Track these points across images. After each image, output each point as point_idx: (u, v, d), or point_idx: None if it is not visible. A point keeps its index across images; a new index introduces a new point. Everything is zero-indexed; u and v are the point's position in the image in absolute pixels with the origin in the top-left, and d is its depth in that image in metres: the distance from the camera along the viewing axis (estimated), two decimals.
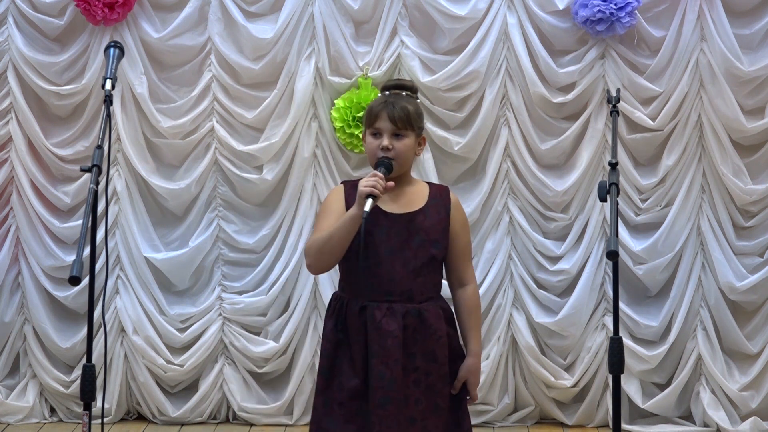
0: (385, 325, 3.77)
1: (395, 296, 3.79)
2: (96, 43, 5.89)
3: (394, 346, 3.76)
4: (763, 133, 5.82)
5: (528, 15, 5.82)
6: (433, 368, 3.81)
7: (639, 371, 5.87)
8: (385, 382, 3.75)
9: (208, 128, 5.95)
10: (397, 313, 3.78)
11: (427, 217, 3.84)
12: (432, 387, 3.81)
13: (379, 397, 3.75)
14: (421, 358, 3.79)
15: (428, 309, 3.82)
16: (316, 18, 5.86)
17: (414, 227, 3.82)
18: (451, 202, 3.90)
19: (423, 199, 3.87)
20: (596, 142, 5.84)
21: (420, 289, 3.82)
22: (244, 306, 5.97)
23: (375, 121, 3.83)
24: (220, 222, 6.00)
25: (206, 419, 6.02)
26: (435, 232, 3.83)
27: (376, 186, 3.68)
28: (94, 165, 3.83)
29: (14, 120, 5.96)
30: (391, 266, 3.78)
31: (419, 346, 3.80)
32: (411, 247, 3.80)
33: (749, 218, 5.87)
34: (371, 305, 3.78)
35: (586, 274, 5.87)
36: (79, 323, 5.98)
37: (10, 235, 6.02)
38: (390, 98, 3.87)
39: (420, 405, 3.79)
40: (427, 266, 3.82)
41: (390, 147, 3.80)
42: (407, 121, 3.82)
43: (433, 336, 3.81)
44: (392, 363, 3.75)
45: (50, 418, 6.05)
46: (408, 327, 3.79)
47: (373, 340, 3.76)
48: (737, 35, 5.76)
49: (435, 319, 3.82)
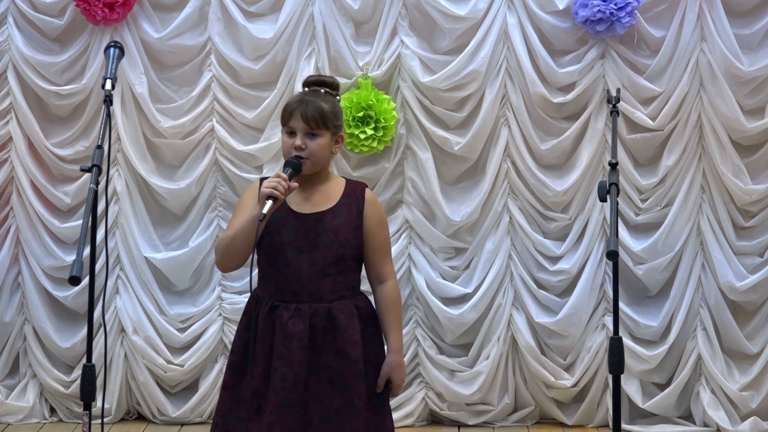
0: (291, 326, 3.76)
1: (303, 296, 3.78)
2: (96, 43, 5.89)
3: (298, 347, 3.75)
4: (763, 133, 5.82)
5: (528, 15, 5.82)
6: (345, 367, 3.78)
7: (639, 371, 5.87)
8: (287, 383, 3.74)
9: (208, 128, 5.95)
10: (305, 314, 3.77)
11: (337, 216, 3.82)
12: (346, 385, 3.78)
13: (281, 399, 3.73)
14: (333, 356, 3.78)
15: (339, 308, 3.80)
16: (316, 18, 5.86)
17: (322, 227, 3.80)
18: (366, 199, 3.87)
19: (335, 197, 3.85)
20: (596, 142, 5.84)
21: (330, 289, 3.80)
22: (244, 306, 5.95)
23: (289, 119, 3.81)
24: (220, 222, 6.00)
25: (206, 419, 6.01)
26: (344, 231, 3.81)
27: (276, 187, 3.66)
28: (94, 165, 3.83)
29: (14, 120, 5.96)
30: (298, 266, 3.78)
31: (330, 345, 3.78)
32: (318, 246, 3.78)
33: (749, 218, 5.87)
34: (280, 305, 3.79)
35: (586, 274, 5.87)
36: (79, 323, 5.98)
37: (10, 235, 6.02)
38: (306, 96, 3.84)
39: (335, 403, 3.77)
40: (335, 266, 3.80)
41: (303, 146, 3.78)
42: (321, 121, 3.80)
43: (344, 334, 3.79)
44: (296, 365, 3.74)
45: (50, 418, 6.05)
46: (316, 327, 3.77)
47: (279, 341, 3.76)
48: (737, 35, 5.76)
49: (347, 318, 3.80)
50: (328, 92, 3.88)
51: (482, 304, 5.90)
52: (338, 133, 3.87)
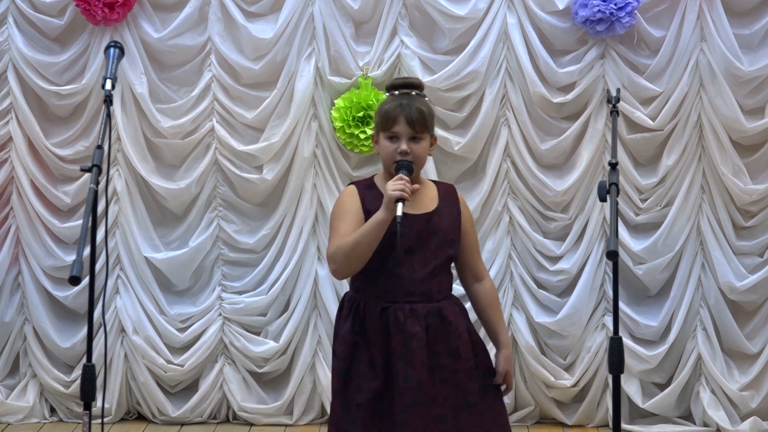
0: (408, 327, 3.76)
1: (415, 297, 3.79)
2: (96, 43, 5.89)
3: (419, 347, 3.75)
4: (763, 133, 5.82)
5: (528, 15, 5.82)
6: (458, 365, 3.80)
7: (639, 371, 5.87)
8: (412, 384, 3.74)
9: (208, 128, 5.95)
10: (419, 314, 3.78)
11: (442, 217, 3.85)
12: (459, 384, 3.80)
13: (406, 400, 3.73)
14: (445, 356, 3.79)
15: (447, 307, 3.83)
16: (316, 18, 5.86)
17: (432, 227, 3.82)
18: (459, 200, 3.92)
19: (435, 199, 3.87)
20: (596, 142, 5.84)
21: (438, 288, 3.83)
22: (244, 306, 5.97)
23: (392, 125, 3.78)
24: (220, 222, 6.00)
25: (206, 419, 6.02)
26: (451, 231, 3.85)
27: (405, 189, 3.67)
28: (94, 165, 3.83)
29: (14, 120, 5.96)
30: (411, 267, 3.78)
31: (442, 344, 3.79)
32: (430, 247, 3.81)
33: (749, 218, 5.87)
34: (393, 306, 3.77)
35: (586, 274, 5.88)
36: (79, 323, 5.98)
37: (10, 235, 6.02)
38: (403, 100, 3.81)
39: (449, 402, 3.78)
40: (444, 266, 3.85)
41: (409, 151, 3.77)
42: (424, 124, 3.79)
43: (455, 333, 3.81)
44: (418, 365, 3.75)
45: (50, 418, 6.05)
46: (430, 327, 3.79)
47: (397, 342, 3.75)
48: (737, 35, 5.76)
49: (454, 316, 3.83)
50: (418, 94, 3.86)
51: None
52: (434, 134, 3.87)
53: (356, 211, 3.79)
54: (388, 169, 3.82)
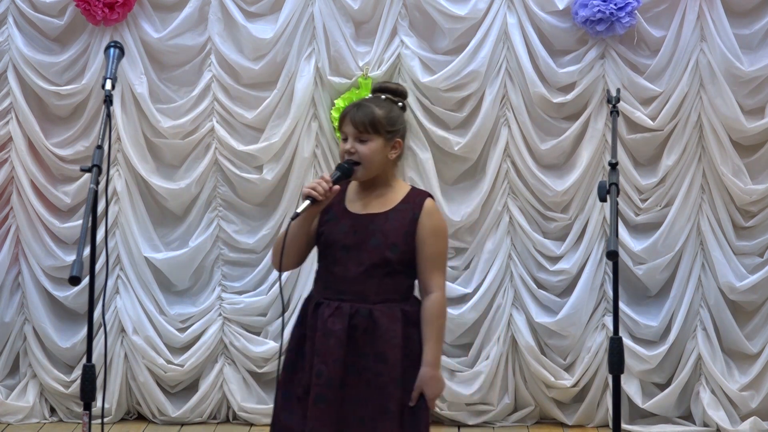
0: (330, 323, 3.78)
1: (347, 295, 3.80)
2: (96, 43, 5.89)
3: (336, 345, 3.76)
4: (763, 133, 5.82)
5: (528, 15, 5.82)
6: (383, 369, 3.78)
7: (639, 371, 5.87)
8: (322, 380, 3.75)
9: (208, 128, 5.95)
10: (345, 312, 3.78)
11: (389, 220, 3.82)
12: (382, 388, 3.78)
13: (314, 395, 3.75)
14: (372, 358, 3.78)
15: (382, 310, 3.79)
16: (316, 18, 5.86)
17: (372, 228, 3.81)
18: (424, 208, 3.83)
19: (393, 202, 3.85)
20: (596, 142, 5.84)
21: (374, 290, 3.80)
22: (244, 306, 5.97)
23: (342, 124, 3.86)
24: (220, 222, 6.00)
25: (206, 419, 6.02)
26: (394, 235, 3.80)
27: (315, 188, 3.72)
28: (94, 165, 3.83)
29: (14, 120, 5.96)
30: (344, 265, 3.80)
31: (370, 346, 3.78)
32: (366, 247, 3.80)
33: (749, 218, 5.87)
34: (323, 303, 3.82)
35: (586, 274, 5.88)
36: (79, 323, 5.98)
37: (10, 235, 6.02)
38: (364, 101, 3.88)
39: (369, 406, 3.77)
40: (380, 268, 3.80)
41: (353, 150, 3.82)
42: (370, 125, 3.80)
43: (384, 337, 3.78)
44: (332, 362, 3.75)
45: (50, 418, 6.05)
46: (357, 327, 3.78)
47: (318, 338, 3.78)
48: (737, 35, 5.76)
49: (388, 321, 3.79)
50: (389, 98, 3.89)
51: (482, 304, 5.91)
52: (394, 138, 3.85)
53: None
54: None
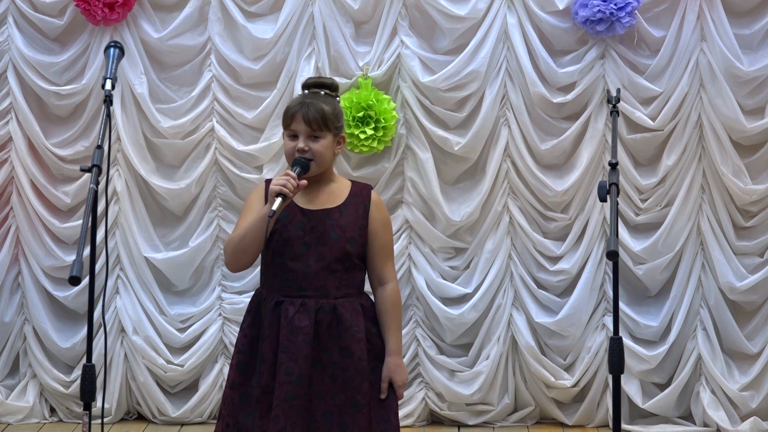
0: (296, 321, 3.78)
1: (309, 291, 3.81)
2: (96, 43, 5.89)
3: (304, 342, 3.77)
4: (763, 133, 5.81)
5: (528, 15, 5.82)
6: (348, 363, 3.80)
7: (639, 371, 5.87)
8: (292, 377, 3.75)
9: (208, 128, 5.95)
10: (310, 309, 3.79)
11: (344, 214, 3.85)
12: (349, 382, 3.80)
13: (285, 392, 3.75)
14: (337, 353, 3.80)
15: (344, 305, 3.82)
16: (316, 18, 5.86)
17: (330, 223, 3.83)
18: (372, 200, 3.90)
19: (342, 196, 3.88)
20: (596, 142, 5.84)
21: (335, 285, 3.83)
22: (244, 306, 5.93)
23: (291, 122, 3.84)
24: (220, 222, 6.00)
25: (206, 419, 6.02)
26: (351, 229, 3.84)
27: (286, 185, 3.70)
28: (94, 165, 3.83)
29: (14, 120, 5.96)
30: (305, 262, 3.80)
31: (334, 341, 3.80)
32: (326, 242, 3.81)
33: (749, 218, 5.87)
34: (285, 301, 3.81)
35: (586, 274, 5.88)
36: (79, 323, 5.98)
37: (10, 235, 6.02)
38: (307, 98, 3.87)
39: (337, 400, 3.79)
40: (341, 262, 3.83)
41: (306, 149, 3.82)
42: (322, 122, 3.82)
43: (349, 331, 3.81)
44: (301, 359, 3.76)
45: (50, 418, 6.05)
46: (321, 322, 3.80)
47: (284, 335, 3.78)
48: (737, 35, 5.76)
49: (351, 315, 3.82)
50: (328, 94, 3.91)
51: (482, 304, 5.91)
52: (340, 134, 3.90)
53: (256, 207, 3.84)
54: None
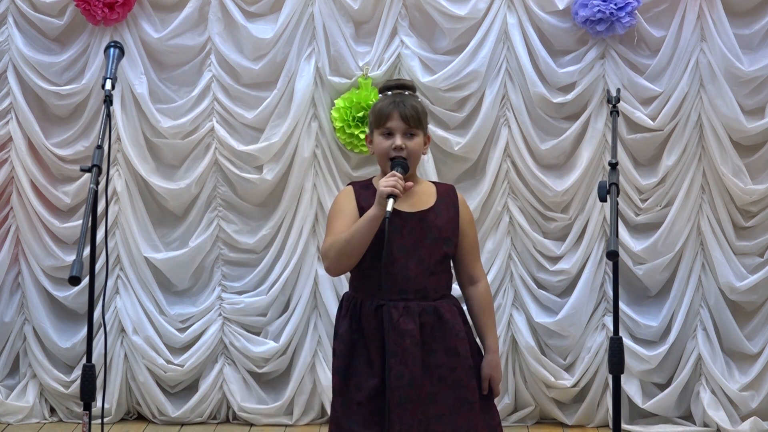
0: (402, 324, 3.78)
1: (410, 294, 3.80)
2: (96, 43, 5.89)
3: (412, 345, 3.77)
4: (763, 133, 5.82)
5: (528, 15, 5.82)
6: (457, 363, 3.82)
7: (639, 371, 5.87)
8: (404, 381, 3.76)
9: (208, 128, 5.95)
10: (414, 311, 3.79)
11: (439, 215, 3.86)
12: (459, 382, 3.82)
13: (398, 397, 3.75)
14: (443, 354, 3.81)
15: (443, 306, 3.84)
16: (316, 18, 5.86)
17: (426, 225, 3.83)
18: (458, 199, 3.93)
19: (432, 197, 3.89)
20: (596, 142, 5.84)
21: (434, 287, 3.84)
22: (244, 306, 5.97)
23: (386, 121, 3.84)
24: (220, 222, 6.00)
25: (206, 419, 6.02)
26: (446, 229, 3.86)
27: (396, 186, 3.71)
28: (94, 165, 3.83)
29: (14, 120, 5.96)
30: (405, 265, 3.80)
31: (439, 342, 3.81)
32: (425, 245, 3.82)
33: (749, 218, 5.87)
34: (387, 304, 3.78)
35: (586, 274, 5.88)
36: (79, 323, 5.98)
37: (10, 235, 6.02)
38: (397, 98, 3.88)
39: (448, 401, 3.80)
40: (440, 264, 3.85)
41: (403, 146, 3.82)
42: (418, 120, 3.84)
43: (452, 332, 3.82)
44: (411, 362, 3.77)
45: (50, 418, 6.05)
46: (425, 325, 3.80)
47: (391, 339, 3.76)
48: (737, 35, 5.76)
49: (451, 316, 3.84)
50: (411, 94, 3.92)
51: None
52: (427, 133, 3.91)
53: (351, 210, 3.83)
54: (384, 167, 3.86)
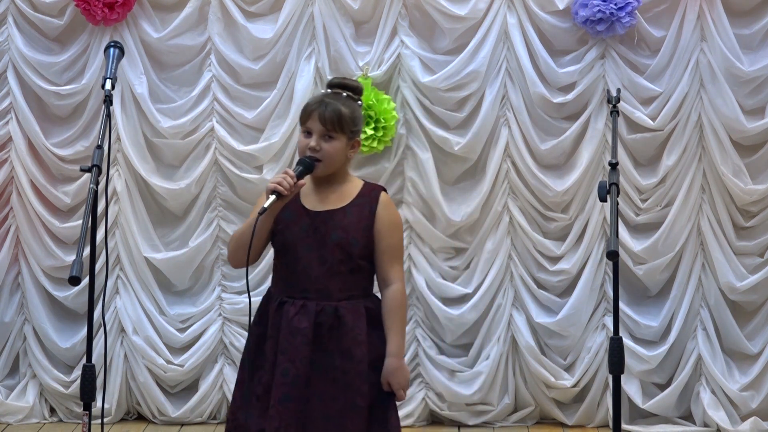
0: (296, 322, 3.77)
1: (311, 293, 3.79)
2: (96, 43, 5.89)
3: (302, 344, 3.76)
4: (763, 133, 5.81)
5: (528, 15, 5.82)
6: (349, 366, 3.79)
7: (639, 371, 5.87)
8: (288, 379, 3.75)
9: (208, 128, 5.95)
10: (310, 310, 3.78)
11: (348, 215, 3.82)
12: (349, 385, 3.78)
13: (280, 394, 3.74)
14: (338, 356, 3.79)
15: (346, 307, 3.80)
16: (316, 18, 5.86)
17: (332, 224, 3.81)
18: (380, 201, 3.86)
19: (349, 197, 3.85)
20: (596, 142, 5.84)
21: (338, 287, 3.80)
22: (244, 306, 5.96)
23: (307, 119, 3.82)
24: (220, 222, 6.00)
25: (206, 419, 6.02)
26: (354, 230, 3.81)
27: (281, 183, 3.69)
28: (94, 165, 3.83)
29: (14, 120, 5.96)
30: (307, 263, 3.79)
31: (335, 343, 3.79)
32: (327, 244, 3.79)
33: (749, 218, 5.87)
34: (288, 301, 3.80)
35: (586, 274, 5.87)
36: (79, 323, 5.98)
37: (10, 235, 6.02)
38: (327, 98, 3.84)
39: (337, 402, 3.78)
40: (344, 264, 3.80)
41: (318, 148, 3.79)
42: (338, 124, 3.79)
43: (350, 334, 3.79)
44: (299, 361, 3.75)
45: (50, 418, 6.05)
46: (323, 324, 3.78)
47: (284, 336, 3.77)
48: (737, 35, 5.76)
49: (353, 318, 3.80)
50: (349, 96, 3.87)
51: (482, 304, 5.91)
52: (355, 137, 3.86)
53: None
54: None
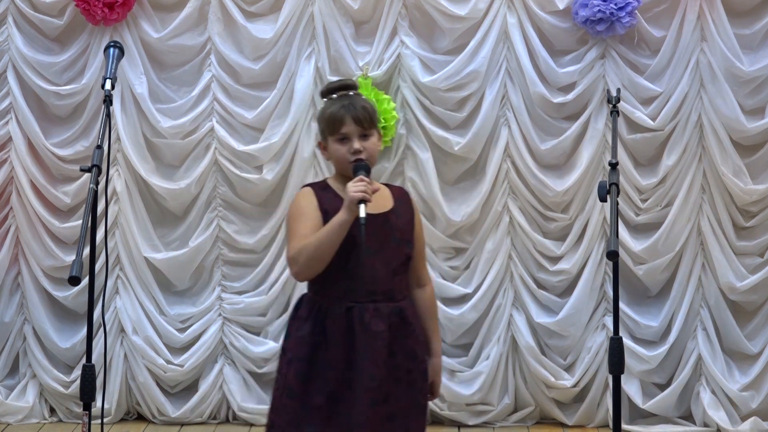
0: (373, 326, 3.75)
1: (378, 296, 3.78)
2: (96, 43, 5.89)
3: (382, 347, 3.76)
4: (763, 133, 5.81)
5: (528, 15, 5.82)
6: (413, 365, 3.80)
7: (639, 371, 5.87)
8: (375, 383, 3.74)
9: (208, 128, 5.95)
10: (384, 313, 3.77)
11: (399, 216, 3.84)
12: (413, 384, 3.80)
13: (369, 399, 3.73)
14: (402, 356, 3.79)
15: (407, 307, 3.83)
16: (316, 18, 5.86)
17: (389, 227, 3.81)
18: (412, 203, 3.92)
19: (389, 199, 3.86)
20: (596, 142, 5.84)
21: (399, 288, 3.82)
22: (244, 306, 5.97)
23: (340, 126, 3.77)
24: (220, 222, 6.00)
25: (206, 419, 6.01)
26: (406, 231, 3.84)
27: (366, 191, 3.66)
28: (94, 165, 3.84)
29: (14, 120, 5.96)
30: (372, 266, 3.77)
31: (400, 344, 3.79)
32: (389, 246, 3.80)
33: (749, 218, 5.87)
34: (357, 306, 3.76)
35: (586, 274, 5.87)
36: (79, 323, 5.98)
37: (10, 235, 6.02)
38: (345, 101, 3.81)
39: (401, 402, 3.78)
40: (404, 265, 3.83)
41: (362, 149, 3.77)
42: (371, 120, 3.80)
43: (413, 334, 3.81)
44: (381, 364, 3.75)
45: (50, 418, 6.05)
46: (392, 326, 3.78)
47: (362, 341, 3.74)
48: (737, 35, 5.76)
49: (413, 317, 3.83)
50: (357, 94, 3.87)
51: (482, 304, 5.91)
52: (379, 130, 3.89)
53: (313, 213, 3.76)
54: (343, 172, 3.80)
